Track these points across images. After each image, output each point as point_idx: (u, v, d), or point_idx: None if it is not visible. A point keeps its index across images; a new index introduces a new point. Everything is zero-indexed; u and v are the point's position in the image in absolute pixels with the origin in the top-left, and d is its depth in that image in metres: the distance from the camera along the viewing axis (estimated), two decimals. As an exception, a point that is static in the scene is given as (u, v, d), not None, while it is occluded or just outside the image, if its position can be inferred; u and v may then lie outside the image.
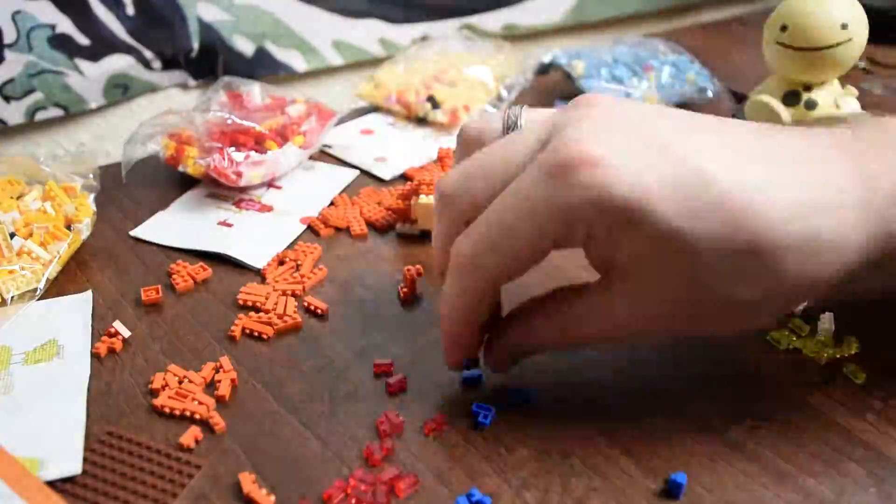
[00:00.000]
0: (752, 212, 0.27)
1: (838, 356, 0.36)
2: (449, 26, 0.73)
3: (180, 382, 0.35)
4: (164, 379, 0.35)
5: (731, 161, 0.28)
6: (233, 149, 0.48)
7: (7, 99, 0.54)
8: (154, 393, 0.34)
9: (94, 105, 0.58)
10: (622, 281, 0.29)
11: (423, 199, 0.44)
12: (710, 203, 0.27)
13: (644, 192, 0.27)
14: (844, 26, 0.45)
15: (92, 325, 0.38)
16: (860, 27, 0.46)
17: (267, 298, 0.40)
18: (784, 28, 0.46)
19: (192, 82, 0.63)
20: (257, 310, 0.39)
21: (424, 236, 0.45)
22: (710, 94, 0.61)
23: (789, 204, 0.27)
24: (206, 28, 0.61)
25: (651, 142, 0.28)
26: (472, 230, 0.30)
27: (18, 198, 0.45)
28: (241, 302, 0.40)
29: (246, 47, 0.63)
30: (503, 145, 0.32)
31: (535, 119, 0.33)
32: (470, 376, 0.34)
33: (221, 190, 0.50)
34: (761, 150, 0.29)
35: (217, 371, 0.35)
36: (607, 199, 0.27)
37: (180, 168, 0.50)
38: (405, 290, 0.40)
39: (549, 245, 0.29)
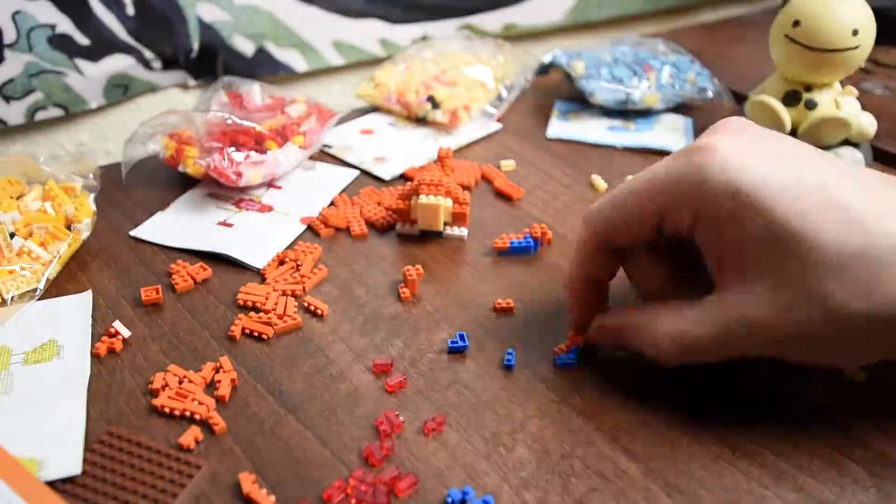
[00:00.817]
0: (868, 218, 0.27)
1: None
2: (449, 26, 0.73)
3: (180, 382, 0.35)
4: (164, 379, 0.35)
5: (855, 186, 0.29)
6: (233, 149, 0.48)
7: (7, 99, 0.54)
8: (154, 393, 0.34)
9: (94, 105, 0.58)
10: (732, 281, 0.29)
11: (423, 199, 0.44)
12: (826, 206, 0.27)
13: (760, 184, 0.28)
14: (855, 32, 0.45)
15: (92, 325, 0.38)
16: (869, 35, 0.46)
17: (267, 298, 0.40)
18: (797, 23, 0.46)
19: (192, 82, 0.63)
20: (257, 310, 0.39)
21: (424, 236, 0.45)
22: (710, 94, 0.61)
23: None
24: (206, 28, 0.61)
25: (778, 148, 0.30)
26: (605, 196, 0.34)
27: (18, 198, 0.45)
28: (241, 302, 0.40)
29: (246, 47, 0.63)
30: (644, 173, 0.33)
31: None
32: (567, 360, 0.36)
33: (221, 190, 0.50)
34: (868, 175, 0.30)
35: (217, 371, 0.35)
36: (723, 182, 0.28)
37: (180, 168, 0.50)
38: (404, 289, 0.40)
39: (655, 215, 0.31)
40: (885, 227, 0.27)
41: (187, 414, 0.33)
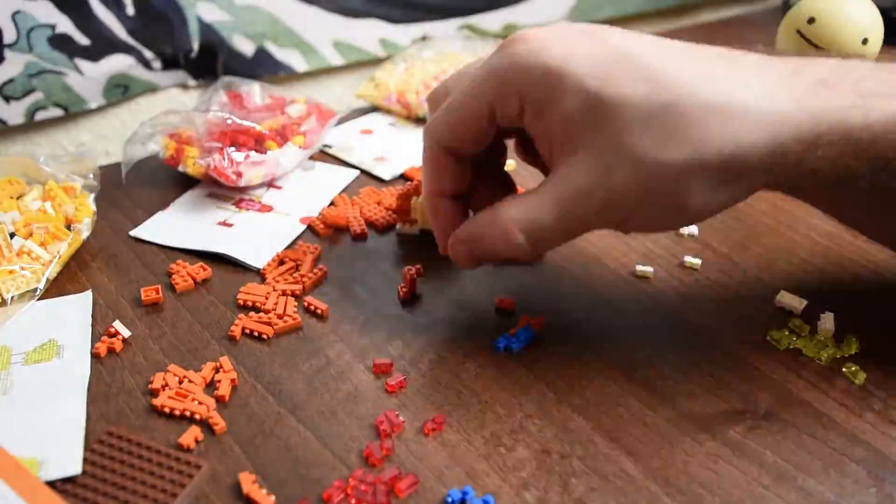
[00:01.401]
0: (669, 76, 0.29)
1: (838, 356, 0.36)
2: (449, 26, 0.73)
3: (180, 382, 0.35)
4: (164, 379, 0.35)
5: (653, 44, 0.31)
6: (233, 149, 0.48)
7: (7, 99, 0.54)
8: (154, 393, 0.34)
9: (94, 105, 0.58)
10: (562, 155, 0.31)
11: (423, 198, 0.44)
12: (631, 69, 0.29)
13: (566, 60, 0.30)
14: (865, 41, 0.45)
15: (92, 325, 0.38)
16: (875, 47, 0.46)
17: (267, 298, 0.40)
18: (812, 20, 0.46)
19: (192, 82, 0.63)
20: (257, 310, 0.39)
21: (424, 236, 0.45)
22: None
23: (705, 73, 0.29)
24: (206, 28, 0.61)
25: (582, 29, 0.31)
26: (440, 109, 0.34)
27: (18, 198, 0.45)
28: (241, 302, 0.40)
29: (246, 47, 0.63)
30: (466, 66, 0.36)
31: None
32: (510, 343, 0.36)
33: (221, 190, 0.50)
34: (677, 42, 0.31)
35: (217, 371, 0.35)
36: (533, 63, 0.30)
37: (180, 168, 0.50)
38: (404, 289, 0.40)
39: (486, 109, 0.32)
40: (689, 84, 0.29)
41: (187, 414, 0.33)
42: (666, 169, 0.29)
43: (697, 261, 0.42)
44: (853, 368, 0.35)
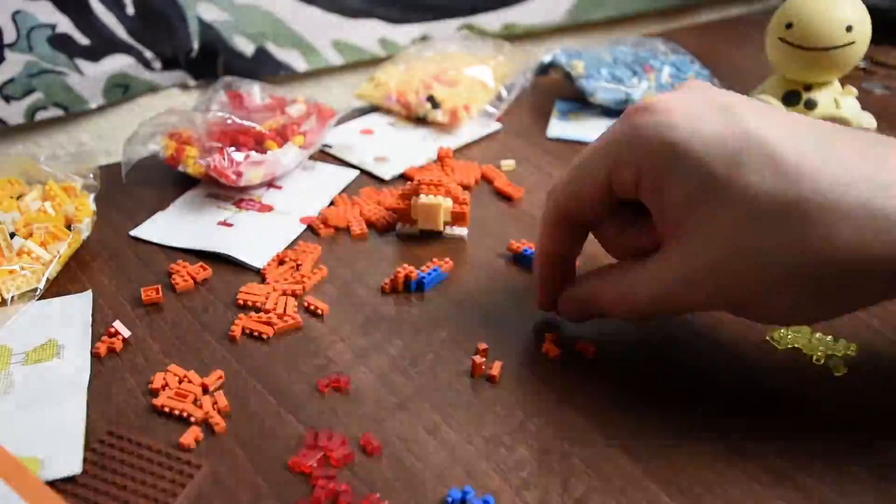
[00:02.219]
0: (803, 171, 0.27)
1: (838, 354, 0.36)
2: (449, 26, 0.73)
3: (180, 382, 0.35)
4: (164, 379, 0.35)
5: (789, 130, 0.28)
6: (233, 149, 0.48)
7: (7, 99, 0.54)
8: (154, 393, 0.34)
9: (94, 105, 0.58)
10: (673, 237, 0.30)
11: (422, 198, 0.44)
12: (761, 158, 0.27)
13: (691, 137, 0.28)
14: (849, 28, 0.45)
15: (92, 325, 0.38)
16: (864, 30, 0.46)
17: (267, 298, 0.40)
18: (789, 26, 0.46)
19: (192, 82, 0.63)
20: (257, 310, 0.39)
21: (424, 236, 0.46)
22: (710, 94, 0.61)
23: (843, 171, 0.27)
24: (206, 28, 0.61)
25: (715, 102, 0.30)
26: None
27: (18, 198, 0.45)
28: (241, 302, 0.40)
29: (246, 47, 0.63)
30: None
31: None
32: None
33: (221, 190, 0.50)
34: (820, 128, 0.29)
35: (217, 371, 0.35)
36: (655, 136, 0.29)
37: (180, 168, 0.50)
38: (388, 284, 0.41)
39: (604, 178, 0.31)
40: (821, 183, 0.27)
41: (187, 414, 0.33)
42: (782, 269, 0.27)
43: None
44: (835, 360, 0.35)
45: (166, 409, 0.33)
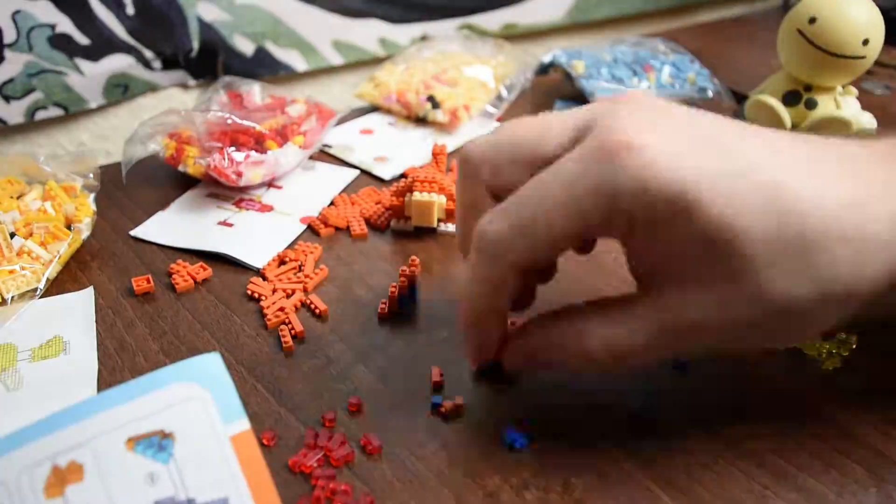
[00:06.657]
0: (802, 206, 0.26)
1: (839, 352, 0.36)
2: (449, 26, 0.73)
3: (180, 382, 0.35)
4: (164, 379, 0.35)
5: (776, 157, 0.27)
6: (233, 149, 0.48)
7: (7, 99, 0.54)
8: (154, 393, 0.34)
9: (94, 105, 0.58)
10: (662, 283, 0.28)
11: (416, 195, 0.44)
12: (759, 197, 0.26)
13: (691, 182, 0.26)
14: (866, 42, 0.45)
15: (95, 321, 0.38)
16: (876, 47, 0.46)
17: (272, 293, 0.40)
18: (813, 20, 0.46)
19: (192, 82, 0.63)
20: (261, 299, 0.40)
21: (419, 233, 0.46)
22: (710, 94, 0.61)
23: (837, 199, 0.27)
24: (206, 28, 0.61)
25: (697, 133, 0.27)
26: (500, 212, 0.28)
27: (18, 198, 0.45)
28: (249, 292, 0.40)
29: (246, 47, 0.63)
30: (537, 121, 0.30)
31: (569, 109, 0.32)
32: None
33: (221, 190, 0.50)
34: (804, 147, 0.28)
35: (217, 371, 0.35)
36: (653, 186, 0.26)
37: (180, 168, 0.50)
38: (391, 299, 0.40)
39: (584, 232, 0.28)
40: (820, 213, 0.26)
41: (187, 414, 0.33)
42: (790, 303, 0.26)
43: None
44: (842, 353, 0.35)
45: (166, 409, 0.33)
